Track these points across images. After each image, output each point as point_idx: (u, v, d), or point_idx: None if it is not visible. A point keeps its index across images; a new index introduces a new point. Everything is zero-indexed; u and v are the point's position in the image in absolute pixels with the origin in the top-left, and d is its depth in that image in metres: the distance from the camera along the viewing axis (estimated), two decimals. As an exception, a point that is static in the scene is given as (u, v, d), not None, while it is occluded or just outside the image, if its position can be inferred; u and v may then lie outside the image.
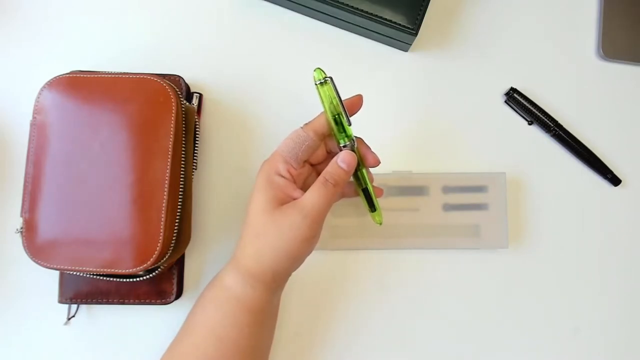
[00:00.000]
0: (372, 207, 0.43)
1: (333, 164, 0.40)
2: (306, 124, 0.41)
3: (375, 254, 0.51)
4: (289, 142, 0.40)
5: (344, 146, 0.40)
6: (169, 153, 0.42)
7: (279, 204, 0.39)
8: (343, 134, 0.40)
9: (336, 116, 0.39)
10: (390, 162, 0.51)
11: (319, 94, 0.39)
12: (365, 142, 0.42)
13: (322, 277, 0.51)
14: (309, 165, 0.42)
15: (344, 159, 0.39)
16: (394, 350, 0.50)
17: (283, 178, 0.40)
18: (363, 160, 0.41)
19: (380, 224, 0.45)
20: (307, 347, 0.50)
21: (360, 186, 0.43)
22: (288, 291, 0.44)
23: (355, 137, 0.41)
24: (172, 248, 0.43)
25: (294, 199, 0.40)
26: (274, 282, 0.41)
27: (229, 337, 0.40)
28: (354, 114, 0.41)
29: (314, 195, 0.39)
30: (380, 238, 0.50)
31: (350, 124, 0.39)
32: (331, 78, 0.38)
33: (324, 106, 0.39)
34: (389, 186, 0.50)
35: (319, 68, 0.38)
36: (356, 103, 0.41)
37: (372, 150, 0.42)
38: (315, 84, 0.38)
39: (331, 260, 0.51)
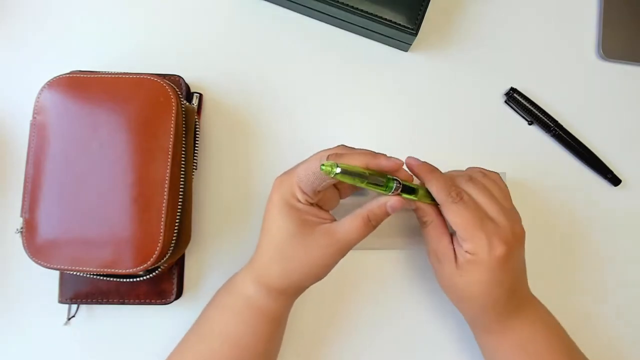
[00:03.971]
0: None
1: (381, 206, 0.38)
2: (334, 159, 0.36)
3: (371, 253, 0.51)
4: (309, 175, 0.37)
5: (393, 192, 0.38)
6: (169, 153, 0.42)
7: (310, 228, 0.38)
8: (382, 188, 0.37)
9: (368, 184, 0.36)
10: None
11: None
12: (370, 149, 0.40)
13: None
14: None
15: (393, 206, 0.37)
16: (392, 349, 0.50)
17: (302, 204, 0.39)
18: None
19: None
20: (306, 345, 0.50)
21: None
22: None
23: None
24: (172, 248, 0.43)
25: (323, 219, 0.39)
26: (295, 295, 0.42)
27: (246, 344, 0.40)
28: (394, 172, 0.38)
29: (352, 230, 0.38)
30: (375, 237, 0.50)
31: (382, 184, 0.37)
32: (340, 170, 0.34)
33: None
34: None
35: (323, 165, 0.34)
36: (391, 169, 0.37)
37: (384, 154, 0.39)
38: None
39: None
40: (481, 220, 0.39)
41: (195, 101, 0.50)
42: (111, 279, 0.45)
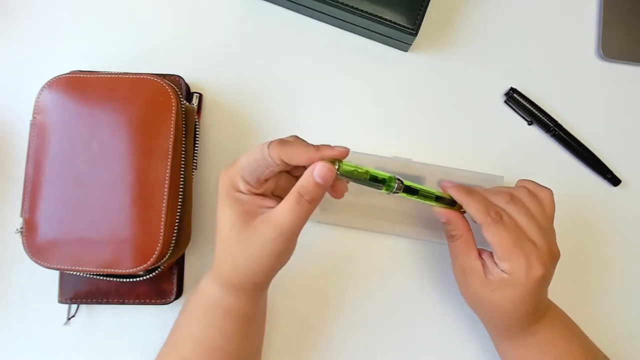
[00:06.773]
0: (454, 204, 0.43)
1: (308, 177, 0.36)
2: (277, 145, 0.36)
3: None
4: (251, 162, 0.36)
5: (394, 192, 0.39)
6: (169, 153, 0.42)
7: (250, 218, 0.37)
8: (382, 185, 0.38)
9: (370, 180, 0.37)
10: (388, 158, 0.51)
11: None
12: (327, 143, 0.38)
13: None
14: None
15: (319, 173, 0.35)
16: (393, 342, 0.50)
17: (245, 195, 0.37)
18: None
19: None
20: (306, 337, 0.50)
21: (431, 199, 0.41)
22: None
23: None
24: (172, 248, 0.43)
25: (267, 208, 0.37)
26: (256, 290, 0.40)
27: (217, 347, 0.39)
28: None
29: (286, 212, 0.36)
30: (368, 219, 0.50)
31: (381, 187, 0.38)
32: (340, 171, 0.36)
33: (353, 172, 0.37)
34: (387, 171, 0.50)
35: (325, 161, 0.36)
36: (339, 157, 0.37)
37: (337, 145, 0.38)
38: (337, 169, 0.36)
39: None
40: (520, 241, 0.39)
41: (195, 101, 0.50)
42: (111, 279, 0.45)
